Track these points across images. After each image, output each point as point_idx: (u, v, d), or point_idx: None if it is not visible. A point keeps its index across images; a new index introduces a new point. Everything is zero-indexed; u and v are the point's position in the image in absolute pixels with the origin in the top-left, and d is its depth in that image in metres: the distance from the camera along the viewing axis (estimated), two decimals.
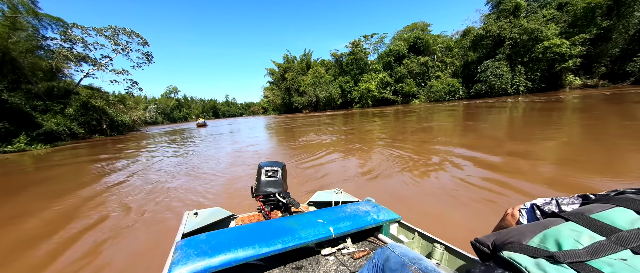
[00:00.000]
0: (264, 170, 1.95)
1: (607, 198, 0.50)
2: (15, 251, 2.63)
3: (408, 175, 4.04)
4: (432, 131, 8.59)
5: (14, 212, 3.95)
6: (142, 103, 73.12)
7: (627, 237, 0.39)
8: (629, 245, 0.38)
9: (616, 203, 0.47)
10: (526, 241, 0.47)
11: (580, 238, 0.42)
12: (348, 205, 1.60)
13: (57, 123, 20.02)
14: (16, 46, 20.99)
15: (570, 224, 0.46)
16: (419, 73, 39.96)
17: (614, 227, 0.42)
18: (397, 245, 0.90)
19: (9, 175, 7.27)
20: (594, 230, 0.43)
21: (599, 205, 0.48)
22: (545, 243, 0.45)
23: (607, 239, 0.41)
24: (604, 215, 0.45)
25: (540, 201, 0.67)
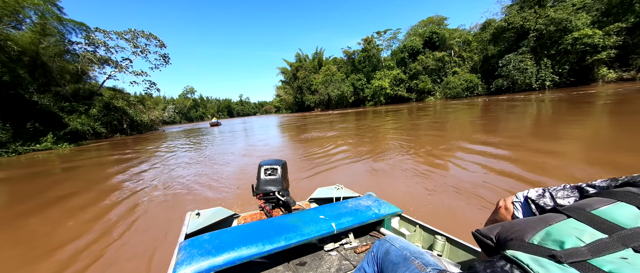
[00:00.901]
0: (263, 168, 1.95)
1: (609, 192, 0.48)
2: (82, 209, 3.82)
3: (421, 178, 3.70)
4: (450, 129, 8.07)
5: (73, 189, 5.12)
6: (162, 103, 76.23)
7: (630, 235, 0.39)
8: (630, 243, 0.38)
9: (618, 197, 0.46)
10: (528, 238, 0.47)
11: (582, 235, 0.42)
12: (349, 200, 1.60)
13: (82, 123, 21.13)
14: (46, 51, 22.35)
15: (572, 221, 0.45)
16: (435, 69, 38.51)
17: (616, 224, 0.42)
18: (396, 238, 0.88)
19: (48, 169, 8.32)
20: (595, 227, 0.42)
21: (600, 200, 0.47)
22: (547, 241, 0.44)
23: (609, 237, 0.40)
24: (605, 212, 0.44)
25: (533, 193, 0.65)
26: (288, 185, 2.08)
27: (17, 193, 5.32)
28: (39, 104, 18.78)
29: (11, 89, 16.50)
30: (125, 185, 5.12)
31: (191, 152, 9.46)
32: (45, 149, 14.42)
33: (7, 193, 5.37)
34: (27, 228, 3.20)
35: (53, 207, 4.05)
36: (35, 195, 4.87)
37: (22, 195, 5.01)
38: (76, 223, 3.29)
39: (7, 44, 13.99)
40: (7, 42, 13.98)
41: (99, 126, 22.63)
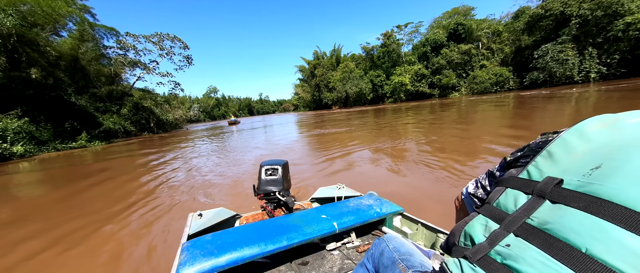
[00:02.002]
0: (264, 168, 1.95)
1: (501, 180, 0.51)
2: (125, 183, 5.42)
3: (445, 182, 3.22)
4: (477, 129, 7.30)
5: (113, 173, 6.59)
6: (187, 102, 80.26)
7: (511, 221, 0.42)
8: (511, 228, 0.41)
9: (505, 184, 0.49)
10: (457, 241, 0.50)
11: (485, 230, 0.46)
12: (351, 199, 1.59)
13: (114, 122, 22.67)
14: (84, 55, 24.27)
15: (480, 217, 0.49)
16: (460, 63, 36.20)
17: (505, 213, 0.45)
18: (393, 237, 0.87)
19: (91, 162, 9.52)
20: (493, 219, 0.46)
21: (498, 189, 0.50)
22: (467, 241, 0.48)
23: (500, 227, 0.43)
24: (500, 202, 0.48)
25: (471, 188, 0.66)
26: (289, 186, 2.06)
27: (74, 177, 6.75)
28: (77, 105, 20.44)
29: (53, 91, 18.10)
30: (155, 169, 6.60)
31: (211, 145, 10.71)
32: (80, 147, 15.59)
33: (67, 178, 6.77)
34: (99, 191, 4.96)
35: (105, 183, 5.65)
36: (88, 177, 6.39)
37: (78, 177, 6.58)
38: (123, 191, 4.74)
39: (46, 50, 15.24)
40: (46, 48, 15.23)
41: (129, 125, 24.15)
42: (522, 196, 0.44)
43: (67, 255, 2.42)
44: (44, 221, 3.46)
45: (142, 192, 4.55)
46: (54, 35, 21.13)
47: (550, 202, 0.40)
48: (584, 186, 0.37)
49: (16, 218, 3.72)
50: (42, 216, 3.69)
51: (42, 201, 4.63)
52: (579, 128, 0.46)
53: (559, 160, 0.44)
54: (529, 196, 0.43)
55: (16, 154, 11.95)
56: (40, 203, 4.45)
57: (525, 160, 0.52)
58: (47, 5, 14.76)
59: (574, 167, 0.41)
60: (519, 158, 0.54)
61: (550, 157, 0.46)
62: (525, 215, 0.41)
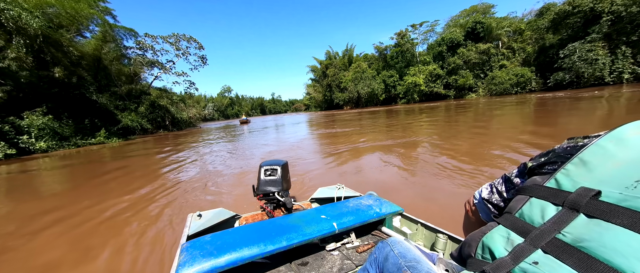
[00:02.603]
0: (263, 169, 1.94)
1: (524, 188, 0.48)
2: (153, 172, 6.19)
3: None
4: (496, 132, 6.83)
5: (131, 168, 6.99)
6: (202, 101, 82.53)
7: (538, 235, 0.39)
8: (539, 244, 0.38)
9: (529, 193, 0.45)
10: (474, 253, 0.47)
11: (507, 243, 0.42)
12: (350, 200, 1.59)
13: (131, 120, 23.55)
14: (107, 56, 25.41)
15: (501, 228, 0.45)
16: (478, 63, 34.76)
17: (530, 225, 0.41)
18: (398, 241, 0.86)
19: (110, 159, 10.03)
20: (516, 231, 0.42)
21: (520, 199, 0.47)
22: (486, 253, 0.45)
23: (525, 240, 0.40)
24: (523, 212, 0.44)
25: (485, 193, 0.63)
26: (289, 186, 2.06)
27: (96, 169, 7.33)
28: (99, 103, 21.40)
29: (76, 90, 19.03)
30: (171, 162, 7.35)
31: (221, 144, 11.13)
32: (99, 143, 16.27)
33: (90, 171, 7.24)
34: (119, 181, 5.42)
35: (124, 175, 6.16)
36: (109, 171, 6.87)
37: (100, 170, 7.13)
38: (142, 182, 5.08)
39: (69, 50, 16.01)
40: (69, 48, 16.00)
41: (145, 123, 25.02)
42: (550, 207, 0.40)
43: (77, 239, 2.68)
44: (62, 210, 3.68)
45: (155, 186, 4.71)
46: (78, 36, 22.34)
47: (586, 216, 0.36)
48: (628, 200, 0.34)
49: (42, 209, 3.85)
50: (64, 208, 3.84)
51: (69, 193, 4.84)
52: (617, 133, 0.41)
53: (595, 168, 0.40)
54: (559, 208, 0.39)
55: (40, 149, 12.60)
56: (65, 195, 4.69)
57: (552, 167, 0.47)
58: (71, 7, 15.50)
59: (614, 178, 0.37)
60: (544, 165, 0.49)
61: (583, 165, 0.41)
62: (555, 229, 0.38)
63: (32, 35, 12.87)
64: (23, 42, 12.69)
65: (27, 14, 12.19)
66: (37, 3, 13.48)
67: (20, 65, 12.79)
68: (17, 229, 3.07)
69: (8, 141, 11.42)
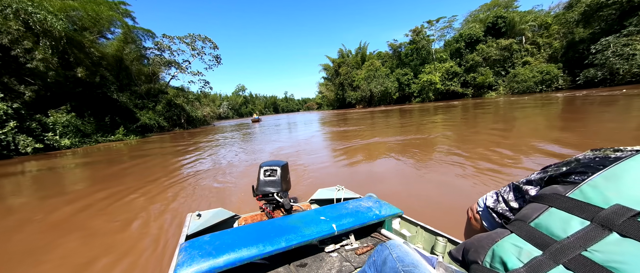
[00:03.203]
0: (263, 169, 1.94)
1: (542, 197, 0.46)
2: (172, 164, 6.85)
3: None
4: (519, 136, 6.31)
5: (153, 160, 7.75)
6: (218, 100, 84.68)
7: (559, 249, 0.37)
8: (561, 259, 0.36)
9: (548, 202, 0.43)
10: (481, 260, 0.46)
11: (521, 254, 0.40)
12: (350, 201, 1.60)
13: (149, 118, 24.44)
14: (128, 56, 26.53)
15: (513, 237, 0.43)
16: (499, 60, 33.03)
17: (549, 237, 0.39)
18: (397, 245, 0.85)
19: (128, 154, 10.62)
20: (532, 242, 0.40)
21: (537, 207, 0.44)
22: (495, 262, 0.43)
23: (543, 254, 0.38)
24: (540, 222, 0.42)
25: (490, 201, 0.63)
26: (288, 187, 2.04)
27: (124, 161, 8.17)
28: (119, 101, 22.38)
29: (98, 89, 19.99)
30: (187, 155, 8.13)
31: (233, 140, 11.75)
32: (118, 140, 16.98)
33: (118, 161, 8.11)
34: (138, 172, 6.05)
35: (148, 164, 7.01)
36: (135, 162, 7.64)
37: (119, 162, 8.05)
38: (166, 170, 5.99)
39: (90, 51, 16.79)
40: (90, 49, 16.78)
41: (162, 120, 25.90)
42: (575, 221, 0.38)
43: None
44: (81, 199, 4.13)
45: (175, 174, 5.35)
46: (101, 38, 23.46)
47: (619, 235, 0.34)
48: None
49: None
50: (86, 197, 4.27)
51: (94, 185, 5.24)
52: None
53: (629, 186, 0.37)
54: (586, 223, 0.37)
55: (64, 146, 13.30)
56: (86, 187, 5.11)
57: (579, 178, 0.44)
58: (92, 10, 16.22)
59: None
60: (569, 174, 0.46)
61: (616, 180, 0.38)
62: (581, 245, 0.35)
63: (57, 37, 13.57)
64: (49, 44, 13.41)
65: (52, 17, 12.87)
66: (62, 6, 14.22)
67: (46, 66, 13.51)
68: (69, 203, 3.95)
69: (35, 137, 12.13)
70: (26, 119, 12.39)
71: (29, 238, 2.73)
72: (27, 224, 3.15)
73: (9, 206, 4.06)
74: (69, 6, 14.74)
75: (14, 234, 2.87)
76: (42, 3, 13.01)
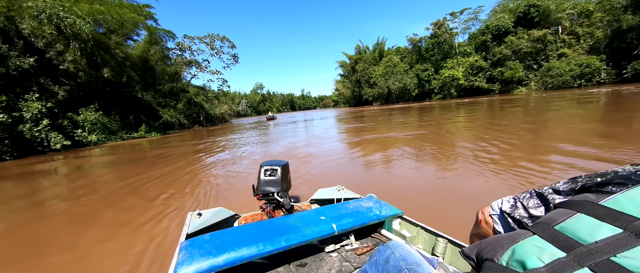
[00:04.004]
0: (263, 169, 1.94)
1: (570, 203, 0.47)
2: (196, 152, 8.61)
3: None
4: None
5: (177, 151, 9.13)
6: (237, 98, 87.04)
7: (586, 253, 0.37)
8: (586, 262, 0.36)
9: (577, 209, 0.44)
10: (498, 258, 0.46)
11: (543, 254, 0.41)
12: (350, 201, 1.59)
13: (171, 115, 25.51)
14: (153, 57, 27.86)
15: (536, 238, 0.44)
16: (530, 52, 30.43)
17: (574, 241, 0.40)
18: (399, 245, 0.86)
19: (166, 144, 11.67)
20: (556, 244, 0.41)
21: (564, 212, 0.45)
22: (513, 261, 0.44)
23: (567, 256, 0.38)
24: (566, 226, 0.42)
25: (506, 205, 0.63)
26: (288, 187, 2.04)
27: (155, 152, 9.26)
28: (144, 100, 23.56)
29: (125, 88, 21.16)
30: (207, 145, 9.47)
31: (249, 136, 12.42)
32: (140, 137, 17.83)
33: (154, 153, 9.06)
34: (168, 162, 7.01)
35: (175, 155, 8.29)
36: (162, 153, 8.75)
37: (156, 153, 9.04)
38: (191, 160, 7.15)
39: (115, 53, 17.72)
40: (115, 51, 17.71)
41: (182, 118, 26.93)
42: (605, 227, 0.38)
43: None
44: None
45: (197, 162, 6.11)
46: (129, 40, 24.79)
47: None
48: None
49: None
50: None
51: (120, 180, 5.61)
52: None
53: None
54: (617, 230, 0.37)
55: (91, 142, 14.18)
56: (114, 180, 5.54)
57: (617, 189, 0.44)
58: (116, 13, 17.06)
59: None
60: (605, 184, 0.47)
61: None
62: (609, 251, 0.35)
63: (85, 39, 14.42)
64: (78, 46, 14.28)
65: (80, 21, 13.66)
66: (89, 10, 15.10)
67: (76, 67, 14.43)
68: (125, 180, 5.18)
69: (65, 134, 13.02)
70: (58, 116, 13.34)
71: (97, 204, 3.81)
72: (92, 194, 4.36)
73: (75, 186, 5.18)
74: (96, 10, 15.62)
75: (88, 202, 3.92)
76: (72, 8, 13.85)
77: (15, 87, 12.17)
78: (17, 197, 4.58)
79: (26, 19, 12.74)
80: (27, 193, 4.86)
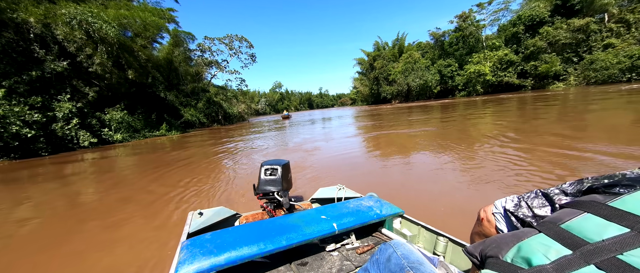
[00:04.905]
0: (263, 168, 1.96)
1: (577, 203, 0.47)
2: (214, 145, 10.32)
3: None
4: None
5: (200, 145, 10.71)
6: (256, 97, 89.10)
7: (592, 250, 0.38)
8: (593, 259, 0.37)
9: (584, 208, 0.45)
10: (503, 255, 0.47)
11: (549, 252, 0.41)
12: (351, 200, 1.60)
13: (191, 114, 26.53)
14: (177, 58, 29.17)
15: (542, 236, 0.45)
16: (570, 44, 27.51)
17: (581, 239, 0.40)
18: (401, 243, 0.86)
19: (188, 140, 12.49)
20: (562, 242, 0.41)
21: (570, 212, 0.46)
22: (518, 258, 0.44)
23: (573, 253, 0.39)
24: (572, 225, 0.43)
25: (510, 204, 0.64)
26: (289, 186, 2.03)
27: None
28: (167, 100, 24.71)
29: (149, 89, 22.30)
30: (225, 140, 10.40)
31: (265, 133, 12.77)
32: (161, 135, 18.66)
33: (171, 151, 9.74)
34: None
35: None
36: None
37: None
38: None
39: (138, 55, 18.65)
40: (138, 53, 18.63)
41: (202, 117, 27.90)
42: (612, 227, 0.39)
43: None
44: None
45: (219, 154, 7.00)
46: (155, 43, 26.14)
47: None
48: None
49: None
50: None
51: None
52: None
53: None
54: (625, 230, 0.38)
55: (116, 140, 15.05)
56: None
57: (625, 190, 0.45)
58: (139, 16, 17.93)
59: None
60: (614, 186, 0.47)
61: None
62: (616, 249, 0.36)
63: (111, 43, 15.28)
64: (105, 50, 15.17)
65: (107, 25, 14.48)
66: (115, 15, 15.96)
67: (103, 69, 15.35)
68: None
69: (93, 133, 13.91)
70: (88, 116, 14.29)
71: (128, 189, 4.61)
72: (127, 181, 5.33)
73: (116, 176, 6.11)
74: (121, 15, 16.48)
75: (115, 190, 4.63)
76: (99, 14, 14.72)
77: (50, 89, 13.19)
78: (63, 182, 5.71)
79: (60, 25, 13.74)
80: (75, 176, 6.44)
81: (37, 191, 5.15)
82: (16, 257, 2.41)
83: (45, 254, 2.42)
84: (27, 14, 12.98)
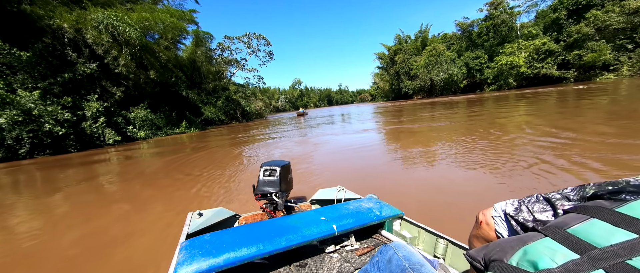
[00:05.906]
0: (263, 169, 1.96)
1: (583, 208, 0.48)
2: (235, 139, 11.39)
3: None
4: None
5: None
6: (276, 94, 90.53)
7: (600, 255, 0.38)
8: (601, 264, 0.37)
9: (591, 214, 0.45)
10: (508, 259, 0.47)
11: (556, 256, 0.41)
12: (350, 202, 1.61)
13: (211, 112, 27.41)
14: (199, 58, 30.30)
15: (548, 240, 0.45)
16: (623, 29, 24.02)
17: (588, 244, 0.40)
18: (401, 245, 0.87)
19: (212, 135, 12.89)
20: (569, 247, 0.41)
21: (576, 217, 0.46)
22: (523, 262, 0.44)
23: (581, 257, 0.39)
24: (579, 230, 0.43)
25: (510, 208, 0.64)
26: (288, 187, 2.02)
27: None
28: (189, 98, 25.74)
29: (172, 88, 23.34)
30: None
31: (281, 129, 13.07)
32: (181, 133, 19.42)
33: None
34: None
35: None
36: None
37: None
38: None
39: (159, 56, 19.48)
40: (159, 53, 19.45)
41: (221, 114, 28.73)
42: (620, 232, 0.39)
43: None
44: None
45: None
46: (179, 44, 27.33)
47: None
48: None
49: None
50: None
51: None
52: None
53: None
54: (632, 235, 0.38)
55: (140, 137, 15.88)
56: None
57: (631, 197, 0.46)
58: (159, 19, 18.65)
59: None
60: (618, 192, 0.48)
61: None
62: (625, 254, 0.36)
63: (134, 45, 16.06)
64: (129, 51, 15.99)
65: (130, 28, 15.21)
66: (138, 18, 16.75)
67: (127, 70, 16.22)
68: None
69: (118, 130, 14.80)
70: (114, 114, 15.22)
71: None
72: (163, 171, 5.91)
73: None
74: (143, 18, 17.25)
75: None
76: (123, 17, 15.51)
77: (81, 89, 14.19)
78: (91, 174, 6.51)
79: (89, 29, 14.69)
80: (105, 170, 7.09)
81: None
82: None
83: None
84: (62, 21, 14.04)
